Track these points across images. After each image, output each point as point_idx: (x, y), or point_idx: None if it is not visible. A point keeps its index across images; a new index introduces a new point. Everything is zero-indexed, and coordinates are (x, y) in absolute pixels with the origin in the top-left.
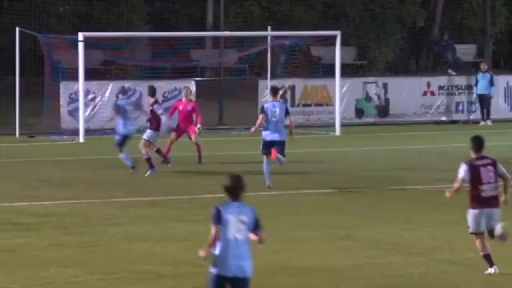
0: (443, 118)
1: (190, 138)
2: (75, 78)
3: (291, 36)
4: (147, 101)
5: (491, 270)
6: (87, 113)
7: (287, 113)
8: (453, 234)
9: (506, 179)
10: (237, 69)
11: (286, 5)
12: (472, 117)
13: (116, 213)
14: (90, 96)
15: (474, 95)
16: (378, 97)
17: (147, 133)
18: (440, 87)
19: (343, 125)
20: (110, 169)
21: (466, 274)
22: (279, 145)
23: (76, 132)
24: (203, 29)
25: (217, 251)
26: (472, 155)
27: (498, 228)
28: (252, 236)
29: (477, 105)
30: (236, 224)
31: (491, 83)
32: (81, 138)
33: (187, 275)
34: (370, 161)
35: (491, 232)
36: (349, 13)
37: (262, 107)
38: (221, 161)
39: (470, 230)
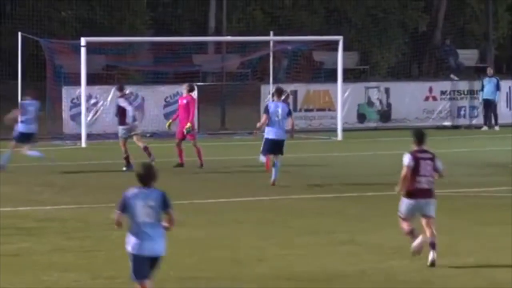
0: (445, 123)
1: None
2: (77, 82)
3: (294, 41)
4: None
5: (418, 240)
6: (89, 118)
7: (289, 113)
8: (455, 238)
9: (441, 176)
10: (240, 74)
11: (288, 10)
12: (474, 122)
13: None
14: (92, 101)
15: (480, 100)
16: (380, 102)
17: (119, 132)
18: (442, 92)
19: (345, 130)
20: (112, 174)
21: (469, 279)
22: (279, 144)
23: (78, 137)
24: (206, 34)
25: (131, 234)
26: (414, 147)
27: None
28: (163, 223)
29: (479, 109)
30: (144, 209)
31: (497, 88)
32: (83, 143)
33: (190, 279)
34: (372, 166)
35: (425, 216)
36: (352, 18)
37: (266, 106)
38: (223, 165)
39: (400, 215)
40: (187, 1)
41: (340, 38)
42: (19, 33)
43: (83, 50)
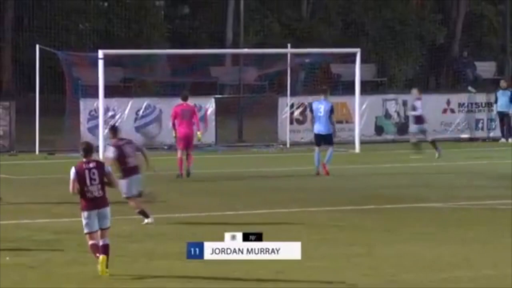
0: (463, 136)
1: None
2: (95, 95)
3: (311, 53)
4: None
5: (148, 220)
6: (106, 131)
7: (331, 111)
8: (472, 251)
9: (143, 152)
10: (257, 86)
11: (306, 23)
12: (492, 134)
13: (135, 230)
14: (110, 113)
15: (494, 112)
16: (398, 114)
17: None
18: (460, 105)
19: (362, 142)
20: None
21: None
22: (326, 138)
23: (95, 150)
24: (223, 46)
25: None
26: (113, 139)
27: (146, 191)
28: None
29: (497, 122)
30: None
31: (511, 100)
32: (101, 156)
33: None
34: (390, 178)
35: (140, 194)
36: (369, 31)
37: (311, 105)
38: (240, 178)
39: (124, 195)
40: (205, 14)
41: (357, 50)
42: (37, 46)
43: (100, 63)
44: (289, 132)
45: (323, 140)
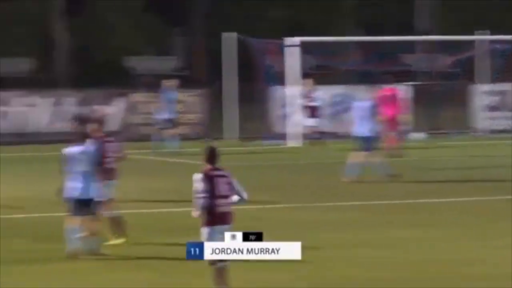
0: None
1: None
2: (285, 82)
3: (503, 40)
4: None
5: None
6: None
7: None
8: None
9: None
10: (449, 73)
11: (498, 10)
12: None
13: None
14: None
15: None
16: None
17: None
18: None
19: None
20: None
21: None
22: None
23: (291, 137)
24: (412, 33)
25: None
26: None
27: None
28: None
29: None
30: None
31: None
32: (293, 143)
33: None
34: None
35: None
36: None
37: None
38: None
39: None
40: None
41: None
42: (235, 34)
43: (296, 50)
44: (483, 119)
45: None
